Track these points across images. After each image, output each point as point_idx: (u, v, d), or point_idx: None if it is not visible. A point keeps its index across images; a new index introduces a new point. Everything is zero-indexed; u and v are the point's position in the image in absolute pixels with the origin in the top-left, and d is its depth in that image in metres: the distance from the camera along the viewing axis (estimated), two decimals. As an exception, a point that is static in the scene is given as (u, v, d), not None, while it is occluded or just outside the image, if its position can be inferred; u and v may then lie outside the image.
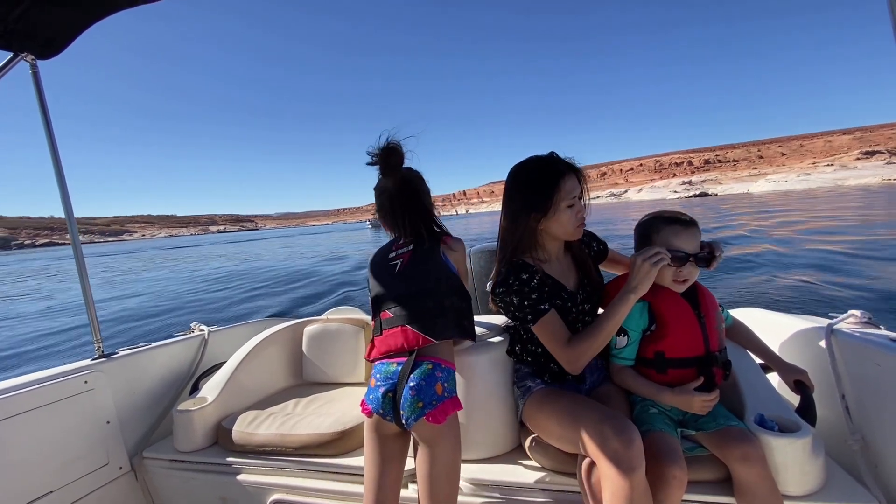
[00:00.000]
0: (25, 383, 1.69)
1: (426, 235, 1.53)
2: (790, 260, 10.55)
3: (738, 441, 1.26)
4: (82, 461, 1.78)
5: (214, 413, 1.92)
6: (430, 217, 1.58)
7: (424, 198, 1.57)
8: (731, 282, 8.41)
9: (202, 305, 11.51)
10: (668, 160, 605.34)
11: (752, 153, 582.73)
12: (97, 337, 1.97)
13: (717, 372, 1.44)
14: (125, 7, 1.71)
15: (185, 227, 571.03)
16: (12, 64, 1.73)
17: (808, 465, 1.24)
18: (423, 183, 1.59)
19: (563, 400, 1.43)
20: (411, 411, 1.28)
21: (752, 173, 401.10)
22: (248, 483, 1.72)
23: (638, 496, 1.14)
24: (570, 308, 1.53)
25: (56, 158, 1.88)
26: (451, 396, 1.34)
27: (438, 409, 1.28)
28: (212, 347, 2.36)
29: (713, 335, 1.44)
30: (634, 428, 1.20)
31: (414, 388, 1.29)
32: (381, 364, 1.38)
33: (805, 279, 8.19)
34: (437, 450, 1.30)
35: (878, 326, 1.61)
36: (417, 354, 1.35)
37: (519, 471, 1.53)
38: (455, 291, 1.45)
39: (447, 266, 1.47)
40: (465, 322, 1.45)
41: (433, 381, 1.31)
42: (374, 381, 1.37)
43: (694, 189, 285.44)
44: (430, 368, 1.32)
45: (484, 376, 1.63)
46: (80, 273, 1.95)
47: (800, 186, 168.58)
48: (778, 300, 6.86)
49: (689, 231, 1.42)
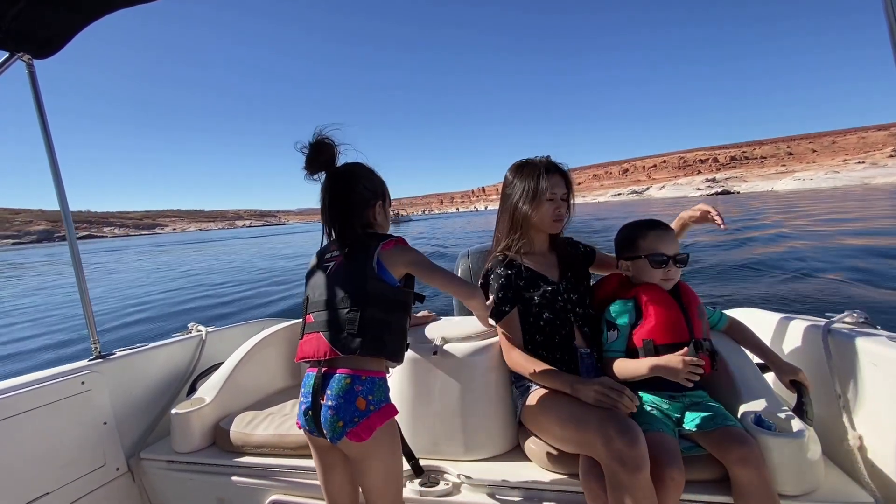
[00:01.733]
0: (22, 384, 1.69)
1: (351, 238, 1.37)
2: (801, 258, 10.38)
3: (736, 443, 1.26)
4: (79, 462, 1.77)
5: (212, 414, 1.91)
6: (359, 217, 1.41)
7: (357, 196, 1.41)
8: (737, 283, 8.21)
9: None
10: (693, 157, 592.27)
11: (782, 150, 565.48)
12: (94, 338, 1.97)
13: (704, 358, 1.46)
14: (122, 7, 1.69)
15: (212, 221, 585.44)
16: (8, 64, 1.74)
17: (805, 464, 1.26)
18: (366, 176, 1.44)
19: (563, 400, 1.41)
20: (333, 431, 1.20)
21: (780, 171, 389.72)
22: (246, 484, 1.71)
23: (643, 496, 1.14)
24: (557, 297, 1.62)
25: (52, 157, 1.88)
26: (379, 408, 1.24)
27: (361, 426, 1.19)
28: (209, 348, 2.35)
29: (696, 324, 1.53)
30: (637, 427, 1.22)
31: (333, 408, 1.20)
32: (308, 375, 1.30)
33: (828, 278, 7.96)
34: (367, 464, 1.25)
35: (875, 326, 1.60)
36: (334, 366, 1.24)
37: (517, 471, 1.52)
38: (380, 302, 1.29)
39: (378, 274, 1.30)
40: (387, 337, 1.29)
41: (353, 396, 1.20)
42: (301, 395, 1.30)
43: (717, 187, 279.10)
44: (349, 383, 1.21)
45: (482, 377, 1.63)
46: (76, 272, 1.95)
47: (826, 185, 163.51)
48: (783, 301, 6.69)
49: (670, 235, 1.59)
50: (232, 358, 2.13)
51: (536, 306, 1.61)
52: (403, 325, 1.35)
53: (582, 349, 1.60)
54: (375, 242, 1.34)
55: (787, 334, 1.82)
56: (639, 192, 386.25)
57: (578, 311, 1.65)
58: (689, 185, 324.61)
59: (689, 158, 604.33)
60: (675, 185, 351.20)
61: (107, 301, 12.24)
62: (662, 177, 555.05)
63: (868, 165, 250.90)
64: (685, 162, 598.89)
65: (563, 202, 1.67)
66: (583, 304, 1.68)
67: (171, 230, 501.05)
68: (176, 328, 2.44)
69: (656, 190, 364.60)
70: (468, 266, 2.32)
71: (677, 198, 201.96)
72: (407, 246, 1.38)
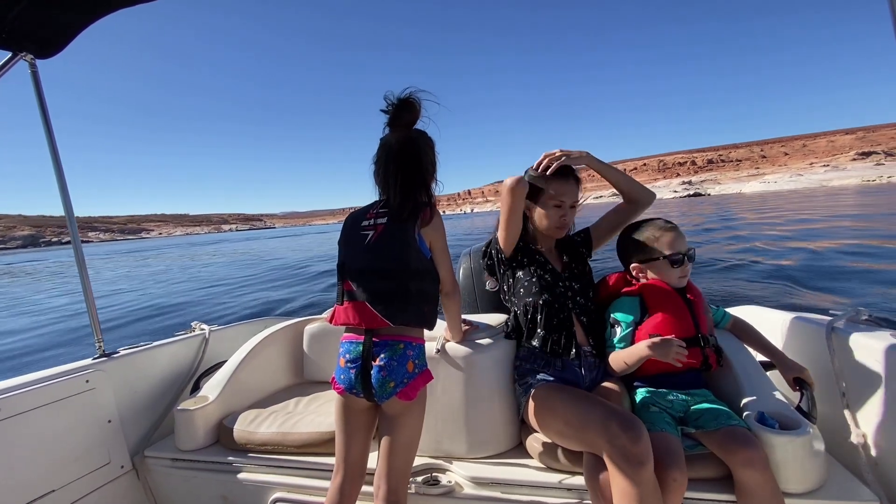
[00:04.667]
0: (27, 382, 1.67)
1: (408, 206, 1.36)
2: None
3: (740, 444, 1.23)
4: (84, 460, 1.75)
5: (215, 412, 1.89)
6: (424, 185, 1.41)
7: (425, 164, 1.41)
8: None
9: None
10: (672, 160, 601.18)
11: (756, 153, 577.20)
12: (98, 336, 1.95)
13: (710, 354, 1.52)
14: (123, 6, 1.67)
15: (198, 225, 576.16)
16: (11, 64, 1.71)
17: (809, 462, 1.23)
18: (431, 150, 1.44)
19: (566, 396, 1.40)
20: (383, 390, 1.28)
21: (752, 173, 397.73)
22: (250, 482, 1.69)
23: (647, 492, 1.12)
24: (557, 282, 1.64)
25: (56, 157, 1.85)
26: (423, 371, 1.35)
27: (410, 387, 1.30)
28: (212, 346, 2.32)
29: (702, 319, 1.55)
30: (641, 424, 1.20)
31: (385, 369, 1.28)
32: (347, 342, 1.36)
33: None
34: (403, 421, 1.33)
35: (879, 324, 1.59)
36: (384, 333, 1.31)
37: (520, 469, 1.51)
38: (422, 275, 1.35)
39: (419, 247, 1.34)
40: (427, 308, 1.36)
41: (405, 360, 1.30)
42: (343, 361, 1.34)
43: (692, 189, 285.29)
44: (402, 348, 1.31)
45: (485, 374, 1.61)
46: (80, 272, 1.92)
47: (788, 187, 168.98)
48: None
49: (681, 232, 1.64)
50: (235, 356, 2.12)
51: (536, 286, 1.62)
52: (438, 294, 1.43)
53: (584, 347, 1.60)
54: (416, 214, 1.36)
55: (791, 332, 1.81)
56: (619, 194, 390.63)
57: (579, 301, 1.65)
58: (666, 188, 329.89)
59: (669, 161, 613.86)
60: (653, 188, 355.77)
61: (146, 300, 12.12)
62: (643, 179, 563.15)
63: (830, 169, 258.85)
64: (665, 165, 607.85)
65: (571, 209, 1.67)
66: (584, 294, 1.68)
67: (157, 234, 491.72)
68: (179, 327, 2.41)
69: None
70: (470, 265, 2.29)
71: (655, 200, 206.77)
72: (440, 217, 1.41)
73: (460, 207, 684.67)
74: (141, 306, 10.62)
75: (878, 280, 6.96)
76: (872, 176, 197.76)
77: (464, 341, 1.63)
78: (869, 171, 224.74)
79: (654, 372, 1.53)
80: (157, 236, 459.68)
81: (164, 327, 7.93)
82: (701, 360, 1.52)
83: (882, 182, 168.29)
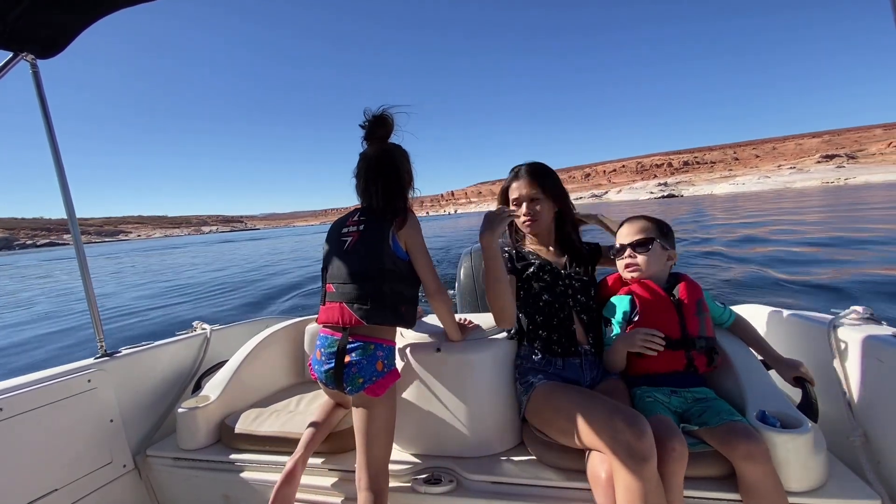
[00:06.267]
0: (29, 382, 1.64)
1: (388, 211, 1.48)
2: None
3: (741, 438, 1.22)
4: (86, 459, 1.73)
5: (217, 411, 1.88)
6: (401, 192, 1.52)
7: (401, 173, 1.52)
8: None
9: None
10: (650, 161, 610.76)
11: (729, 155, 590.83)
12: (100, 336, 1.92)
13: (697, 356, 1.51)
14: (124, 6, 1.66)
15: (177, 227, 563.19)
16: (12, 64, 1.67)
17: (810, 461, 1.22)
18: (406, 161, 1.55)
19: (568, 394, 1.40)
20: (353, 386, 1.38)
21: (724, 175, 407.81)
22: (252, 480, 1.68)
23: (651, 489, 1.11)
24: (557, 281, 1.68)
25: (57, 158, 1.82)
26: (391, 370, 1.44)
27: (377, 384, 1.39)
28: (214, 346, 2.31)
29: (691, 321, 1.53)
30: (644, 419, 1.19)
31: (356, 366, 1.38)
32: (324, 336, 1.47)
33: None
34: (373, 413, 1.41)
35: (880, 322, 1.58)
36: (358, 334, 1.41)
37: (522, 468, 1.50)
38: (398, 277, 1.44)
39: (393, 251, 1.43)
40: (403, 308, 1.45)
41: (374, 359, 1.39)
42: (319, 353, 1.46)
43: (668, 190, 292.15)
44: (372, 349, 1.40)
45: (485, 373, 1.60)
46: (82, 272, 1.89)
47: (755, 188, 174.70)
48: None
49: (633, 226, 1.68)
50: (237, 355, 2.11)
51: (536, 287, 1.65)
52: (415, 296, 1.51)
53: (584, 346, 1.61)
54: (391, 219, 1.46)
55: (793, 330, 1.80)
56: (598, 195, 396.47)
57: (580, 299, 1.66)
58: (643, 189, 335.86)
59: (647, 163, 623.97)
60: (631, 189, 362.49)
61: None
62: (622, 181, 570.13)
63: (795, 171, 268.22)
64: (642, 166, 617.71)
65: (531, 203, 1.71)
66: (585, 293, 1.69)
67: (136, 236, 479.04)
68: (181, 326, 2.39)
69: (614, 194, 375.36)
70: (470, 265, 2.28)
71: (632, 201, 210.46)
72: (415, 220, 1.49)
73: (444, 208, 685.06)
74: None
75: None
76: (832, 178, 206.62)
77: (464, 340, 1.63)
78: (830, 174, 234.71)
79: (652, 371, 1.53)
80: (135, 238, 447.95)
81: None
82: (685, 364, 1.50)
83: (840, 184, 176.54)
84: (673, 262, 1.68)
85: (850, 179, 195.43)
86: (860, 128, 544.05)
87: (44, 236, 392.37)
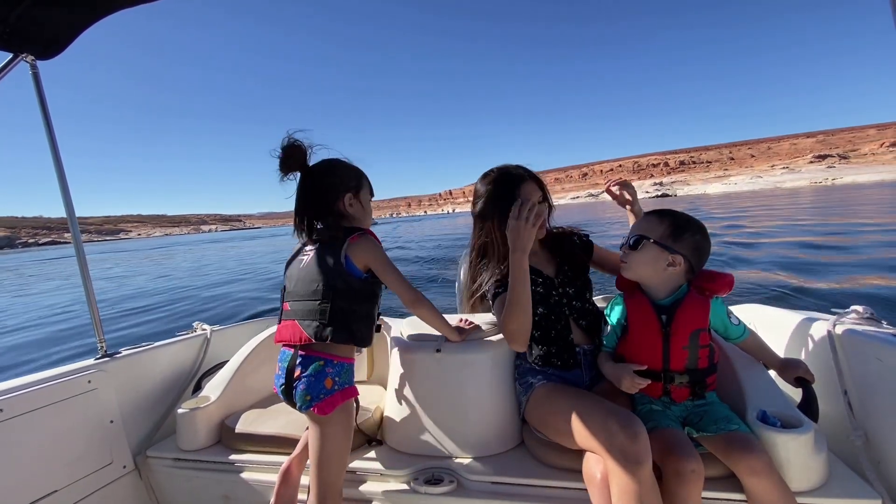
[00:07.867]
0: (29, 383, 1.63)
1: (326, 234, 1.46)
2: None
3: (744, 451, 1.19)
4: (86, 460, 1.72)
5: (217, 412, 1.87)
6: (331, 211, 1.48)
7: (324, 190, 1.48)
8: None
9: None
10: (647, 161, 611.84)
11: (724, 155, 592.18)
12: (100, 336, 1.91)
13: (676, 390, 1.40)
14: (125, 7, 1.64)
15: (177, 226, 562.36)
16: (12, 65, 1.65)
17: (811, 460, 1.21)
18: (332, 174, 1.49)
19: (566, 395, 1.40)
20: (302, 402, 1.37)
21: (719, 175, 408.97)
22: (252, 481, 1.67)
23: (646, 490, 1.11)
24: (551, 291, 1.60)
25: (57, 158, 1.80)
26: (343, 388, 1.41)
27: (325, 402, 1.36)
28: (214, 346, 2.29)
29: (677, 354, 1.38)
30: (640, 422, 1.18)
31: (304, 382, 1.37)
32: (283, 351, 1.47)
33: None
34: (324, 432, 1.38)
35: (881, 322, 1.57)
36: (310, 349, 1.40)
37: (521, 468, 1.49)
38: (350, 295, 1.40)
39: (346, 269, 1.40)
40: (355, 326, 1.41)
41: (323, 376, 1.38)
42: (278, 367, 1.46)
43: (664, 190, 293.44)
44: (322, 365, 1.38)
45: (485, 374, 1.60)
46: (81, 272, 1.88)
47: (747, 188, 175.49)
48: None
49: (640, 218, 1.56)
50: (237, 356, 2.09)
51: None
52: (370, 313, 1.47)
53: (583, 346, 1.59)
54: (343, 236, 1.43)
55: (794, 331, 1.78)
56: (595, 195, 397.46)
57: (575, 305, 1.62)
58: (639, 189, 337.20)
59: (643, 162, 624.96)
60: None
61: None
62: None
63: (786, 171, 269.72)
64: (639, 166, 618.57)
65: (542, 204, 1.59)
66: (581, 297, 1.64)
67: (136, 235, 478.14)
68: (181, 327, 2.38)
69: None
70: (465, 265, 2.29)
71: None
72: (370, 241, 1.46)
73: (441, 207, 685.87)
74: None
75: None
76: (820, 178, 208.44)
77: (464, 341, 1.62)
78: (819, 174, 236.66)
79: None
80: (136, 237, 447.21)
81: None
82: (660, 395, 1.42)
83: (827, 184, 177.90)
84: (680, 269, 1.40)
85: (837, 179, 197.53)
86: (854, 128, 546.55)
87: (45, 235, 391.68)
